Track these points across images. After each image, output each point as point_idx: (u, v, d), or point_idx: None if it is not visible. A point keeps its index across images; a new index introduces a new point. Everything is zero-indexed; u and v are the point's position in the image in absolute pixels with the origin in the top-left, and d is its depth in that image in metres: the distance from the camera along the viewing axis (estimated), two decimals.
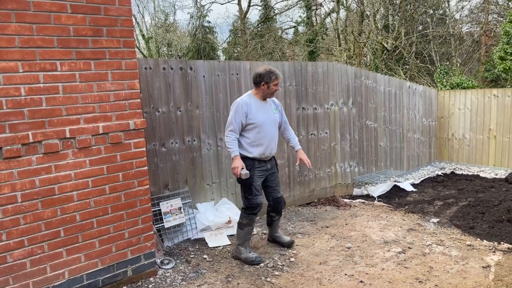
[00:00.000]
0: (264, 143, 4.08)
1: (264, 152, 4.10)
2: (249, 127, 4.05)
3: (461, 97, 8.06)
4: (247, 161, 4.07)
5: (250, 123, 4.03)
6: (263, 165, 4.17)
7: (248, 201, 4.13)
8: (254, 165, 4.10)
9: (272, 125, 4.17)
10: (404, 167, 7.77)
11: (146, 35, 28.07)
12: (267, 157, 4.18)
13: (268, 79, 4.04)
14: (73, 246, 3.36)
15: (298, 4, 23.33)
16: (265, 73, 4.05)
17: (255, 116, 4.03)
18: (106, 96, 3.44)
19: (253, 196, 4.09)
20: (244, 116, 4.00)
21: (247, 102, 4.06)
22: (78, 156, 3.32)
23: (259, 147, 4.07)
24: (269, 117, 4.14)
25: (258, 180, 4.14)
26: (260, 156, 4.10)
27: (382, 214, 5.56)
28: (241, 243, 4.20)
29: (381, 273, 3.86)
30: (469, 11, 21.69)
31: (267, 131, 4.10)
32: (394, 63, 17.73)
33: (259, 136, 4.06)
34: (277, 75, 4.07)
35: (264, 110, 4.13)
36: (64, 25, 3.19)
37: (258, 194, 4.12)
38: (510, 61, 11.81)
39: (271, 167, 4.27)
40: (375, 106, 7.05)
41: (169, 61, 4.66)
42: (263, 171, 4.18)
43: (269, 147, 4.13)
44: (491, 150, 7.74)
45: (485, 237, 4.60)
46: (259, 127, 4.05)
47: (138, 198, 3.70)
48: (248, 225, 4.17)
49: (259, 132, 4.05)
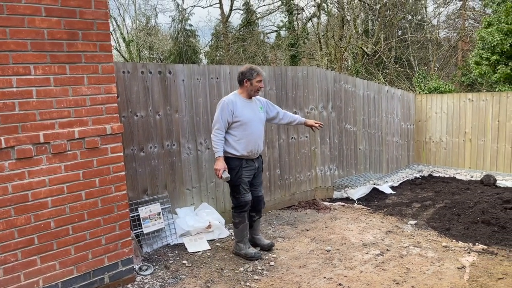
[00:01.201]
0: (252, 140, 4.14)
1: (252, 149, 4.16)
2: (236, 124, 4.10)
3: (438, 101, 8.23)
4: (234, 162, 4.15)
5: (236, 120, 4.08)
6: (251, 164, 4.24)
7: (237, 200, 4.22)
8: (242, 165, 4.16)
9: (258, 123, 4.23)
10: (383, 170, 7.88)
11: (127, 38, 27.79)
12: (255, 155, 4.25)
13: (250, 75, 4.12)
14: (47, 253, 3.29)
15: (280, 8, 23.50)
16: (247, 71, 4.14)
17: (242, 114, 4.09)
18: (82, 100, 3.39)
19: (241, 195, 4.19)
20: (230, 114, 4.06)
21: (232, 100, 4.11)
22: (53, 161, 3.26)
23: (246, 144, 4.12)
24: (255, 115, 4.20)
25: (246, 178, 4.22)
26: (248, 154, 4.16)
27: (361, 217, 5.62)
28: (240, 240, 4.33)
29: (359, 275, 3.90)
30: (446, 17, 22.25)
31: (254, 128, 4.15)
32: (374, 67, 18.01)
33: (246, 134, 4.11)
34: (258, 71, 4.16)
35: (250, 108, 4.19)
36: (38, 28, 3.13)
37: (246, 193, 4.21)
38: (486, 66, 12.11)
39: (258, 165, 4.35)
40: (354, 110, 7.13)
41: (148, 65, 4.63)
42: (251, 170, 4.26)
43: (256, 144, 4.20)
44: (467, 153, 7.92)
45: (460, 239, 4.70)
46: (246, 124, 4.10)
47: (115, 204, 3.65)
48: (241, 222, 4.27)
49: (245, 129, 4.11)
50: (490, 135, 7.56)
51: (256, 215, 4.48)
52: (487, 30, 11.84)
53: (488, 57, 11.91)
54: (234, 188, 4.21)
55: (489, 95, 7.56)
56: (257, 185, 4.39)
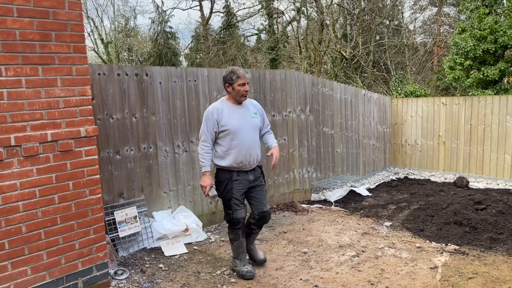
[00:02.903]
0: (241, 151, 3.75)
1: (242, 160, 3.77)
2: (223, 134, 3.76)
3: (413, 105, 8.41)
4: (223, 174, 3.83)
5: (223, 130, 3.74)
6: (244, 176, 3.84)
7: (228, 216, 3.87)
8: (232, 177, 3.80)
9: (249, 131, 3.83)
10: (360, 173, 8.00)
11: (105, 40, 27.41)
12: (247, 166, 3.84)
13: (230, 80, 3.75)
14: (18, 258, 3.21)
15: (260, 12, 23.61)
16: (227, 75, 3.78)
17: (228, 122, 3.74)
18: (55, 102, 3.33)
19: (232, 211, 3.81)
20: (216, 124, 3.73)
21: (218, 108, 3.78)
22: (24, 164, 3.19)
23: (235, 155, 3.75)
24: (245, 122, 3.81)
25: (238, 193, 3.82)
26: (239, 166, 3.79)
27: (338, 219, 5.69)
28: (236, 256, 4.02)
29: (335, 277, 3.94)
30: (422, 23, 22.79)
31: (244, 137, 3.77)
32: (352, 71, 18.27)
33: (234, 144, 3.75)
34: (239, 74, 3.73)
35: (240, 115, 3.81)
36: (9, 29, 3.07)
37: (238, 209, 3.82)
38: (459, 71, 12.44)
39: (254, 178, 3.92)
40: (332, 113, 7.23)
41: (124, 67, 4.58)
42: (244, 183, 3.85)
43: (248, 154, 3.79)
44: (441, 155, 8.11)
45: (433, 239, 4.81)
46: (233, 133, 3.74)
47: (89, 208, 3.60)
48: (235, 239, 3.94)
49: (233, 139, 3.75)
50: (463, 138, 7.77)
51: (258, 228, 4.13)
52: (461, 36, 12.18)
53: (461, 62, 12.25)
54: (225, 203, 3.87)
55: (462, 99, 7.77)
56: (260, 199, 3.95)
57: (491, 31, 11.45)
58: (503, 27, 11.28)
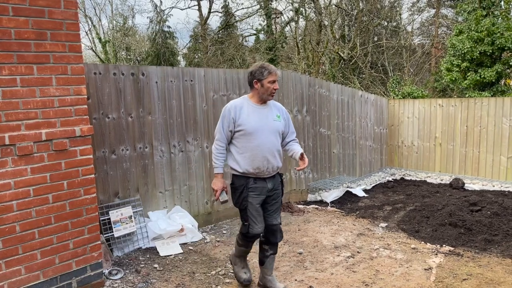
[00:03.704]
0: (258, 155, 3.35)
1: (259, 166, 3.36)
2: (239, 134, 3.38)
3: (410, 106, 8.43)
4: (239, 181, 3.43)
5: (239, 129, 3.37)
6: (261, 183, 3.43)
7: (244, 228, 3.47)
8: (248, 184, 3.40)
9: (269, 134, 3.41)
10: (357, 173, 8.00)
11: (103, 39, 27.36)
12: (265, 173, 3.42)
13: (260, 75, 3.36)
14: (12, 258, 3.20)
15: (258, 12, 23.61)
16: (256, 70, 3.39)
17: (246, 121, 3.35)
18: (50, 101, 3.33)
19: (249, 224, 3.42)
20: (232, 122, 3.37)
21: (237, 105, 3.41)
22: (19, 164, 3.18)
23: (252, 159, 3.35)
24: (266, 124, 3.40)
25: (254, 201, 3.41)
26: (255, 171, 3.37)
27: (334, 220, 5.70)
28: (238, 255, 3.76)
29: (330, 277, 3.95)
30: (420, 24, 22.84)
31: (262, 140, 3.36)
32: (350, 72, 18.28)
33: (250, 146, 3.35)
34: (271, 70, 3.38)
35: (261, 115, 3.42)
36: (5, 28, 3.07)
37: (255, 223, 3.41)
38: (456, 73, 12.48)
39: (273, 187, 3.50)
40: (329, 114, 7.23)
41: (120, 67, 4.58)
42: (261, 191, 3.43)
43: (265, 160, 3.37)
44: (437, 157, 8.13)
45: (428, 240, 4.82)
46: (250, 134, 3.35)
47: (84, 207, 3.59)
48: (243, 246, 3.62)
49: (250, 140, 3.35)
50: (459, 139, 7.80)
51: (270, 249, 3.60)
52: (458, 38, 12.22)
53: (458, 64, 12.29)
54: (241, 213, 3.48)
55: (458, 101, 7.79)
56: (271, 211, 3.53)
57: (488, 33, 11.49)
58: (500, 29, 11.33)
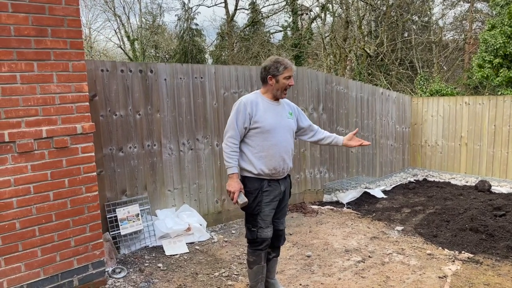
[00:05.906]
0: (275, 155, 3.16)
1: (276, 166, 3.17)
2: (254, 131, 3.16)
3: (434, 104, 8.07)
4: (253, 183, 3.18)
5: (255, 126, 3.14)
6: (275, 187, 3.24)
7: (251, 233, 3.23)
8: (263, 187, 3.18)
9: (285, 132, 3.25)
10: (377, 174, 7.74)
11: (131, 37, 27.82)
12: (280, 174, 3.25)
13: (275, 70, 3.17)
14: (12, 255, 3.21)
15: (284, 8, 23.36)
16: (271, 64, 3.19)
17: (263, 119, 3.15)
18: (50, 98, 3.32)
19: (257, 229, 3.20)
20: (248, 118, 3.13)
21: (252, 100, 3.18)
22: (19, 161, 3.18)
23: (268, 159, 3.15)
24: (281, 122, 3.23)
25: (268, 208, 3.21)
26: (271, 172, 3.18)
27: (348, 222, 5.50)
28: (253, 285, 3.37)
29: (336, 283, 3.78)
30: (453, 19, 21.98)
31: (279, 138, 3.19)
32: (376, 69, 17.81)
33: (268, 145, 3.15)
34: (286, 65, 3.18)
35: (276, 112, 3.23)
36: (4, 25, 3.07)
37: (263, 227, 3.20)
38: (488, 69, 11.88)
39: (284, 189, 3.33)
40: (347, 112, 7.01)
41: (128, 64, 4.55)
42: (275, 196, 3.24)
43: (281, 160, 3.20)
44: (463, 157, 7.75)
45: (447, 246, 4.56)
46: (268, 132, 3.15)
47: (86, 205, 3.57)
48: (255, 263, 3.29)
49: (267, 139, 3.15)
50: (486, 139, 7.39)
51: (273, 252, 3.49)
52: (490, 33, 11.64)
53: (491, 60, 11.71)
54: (250, 218, 3.23)
55: (486, 99, 7.38)
56: (279, 215, 3.37)
57: None
58: None
